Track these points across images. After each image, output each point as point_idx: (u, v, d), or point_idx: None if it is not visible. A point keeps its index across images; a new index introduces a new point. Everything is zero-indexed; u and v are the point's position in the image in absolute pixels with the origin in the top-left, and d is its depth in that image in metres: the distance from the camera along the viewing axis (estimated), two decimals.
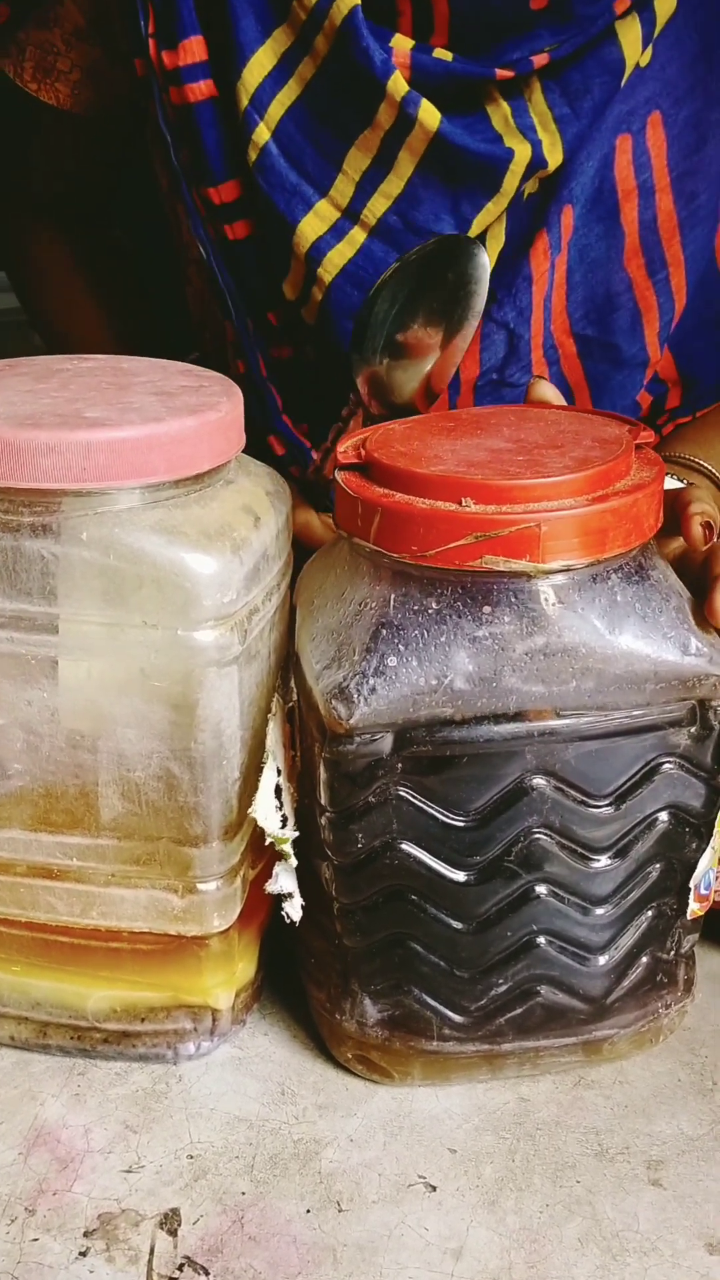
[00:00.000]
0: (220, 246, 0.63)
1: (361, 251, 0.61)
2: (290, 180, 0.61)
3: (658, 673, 0.44)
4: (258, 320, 0.65)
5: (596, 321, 0.66)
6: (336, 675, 0.44)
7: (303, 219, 0.61)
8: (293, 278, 0.63)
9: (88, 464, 0.42)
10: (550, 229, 0.63)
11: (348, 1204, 0.44)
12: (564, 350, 0.66)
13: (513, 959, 0.46)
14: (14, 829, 0.47)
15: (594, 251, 0.64)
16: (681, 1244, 0.42)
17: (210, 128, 0.61)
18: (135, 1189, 0.44)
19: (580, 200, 0.63)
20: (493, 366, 0.65)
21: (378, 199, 0.61)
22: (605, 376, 0.67)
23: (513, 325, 0.64)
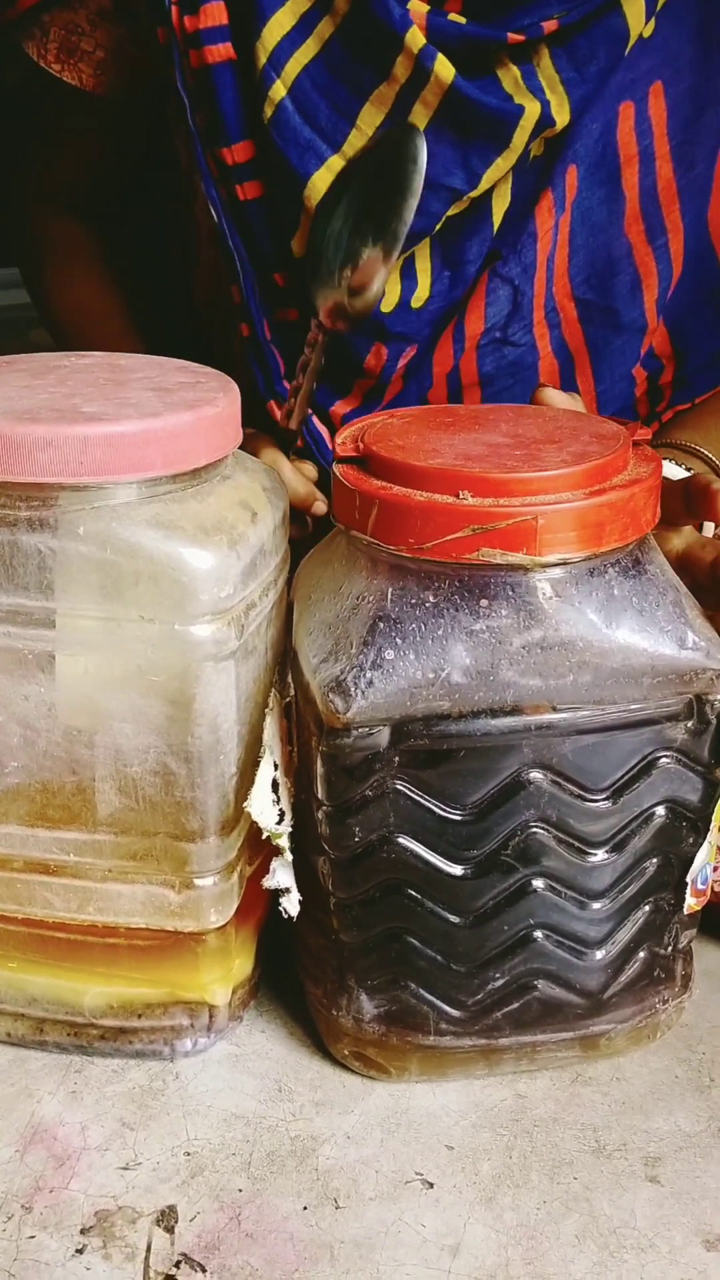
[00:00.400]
0: (230, 208, 0.65)
1: None
2: (304, 136, 0.62)
3: (655, 667, 0.44)
4: (264, 283, 0.67)
5: (597, 285, 0.67)
6: (334, 669, 0.44)
7: (315, 173, 0.62)
8: (301, 234, 0.64)
9: (84, 458, 0.42)
10: (555, 187, 0.64)
11: (345, 1201, 0.44)
12: (565, 314, 0.67)
13: (509, 953, 0.46)
14: (11, 824, 0.47)
15: (596, 215, 0.66)
16: (679, 1240, 0.42)
17: (227, 89, 0.62)
18: (132, 1186, 0.44)
19: (584, 161, 0.65)
20: (496, 324, 0.66)
21: None
22: (605, 341, 0.68)
23: (517, 282, 0.66)
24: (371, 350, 0.66)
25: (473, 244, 0.65)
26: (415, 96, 0.61)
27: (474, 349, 0.67)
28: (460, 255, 0.65)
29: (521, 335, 0.67)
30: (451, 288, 0.66)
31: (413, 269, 0.65)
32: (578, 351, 0.68)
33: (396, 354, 0.66)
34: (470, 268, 0.65)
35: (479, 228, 0.65)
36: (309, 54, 0.62)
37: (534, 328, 0.67)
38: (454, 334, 0.67)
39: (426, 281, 0.66)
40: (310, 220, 0.63)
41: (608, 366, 0.69)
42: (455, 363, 0.67)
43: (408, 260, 0.65)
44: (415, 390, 0.69)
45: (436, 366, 0.67)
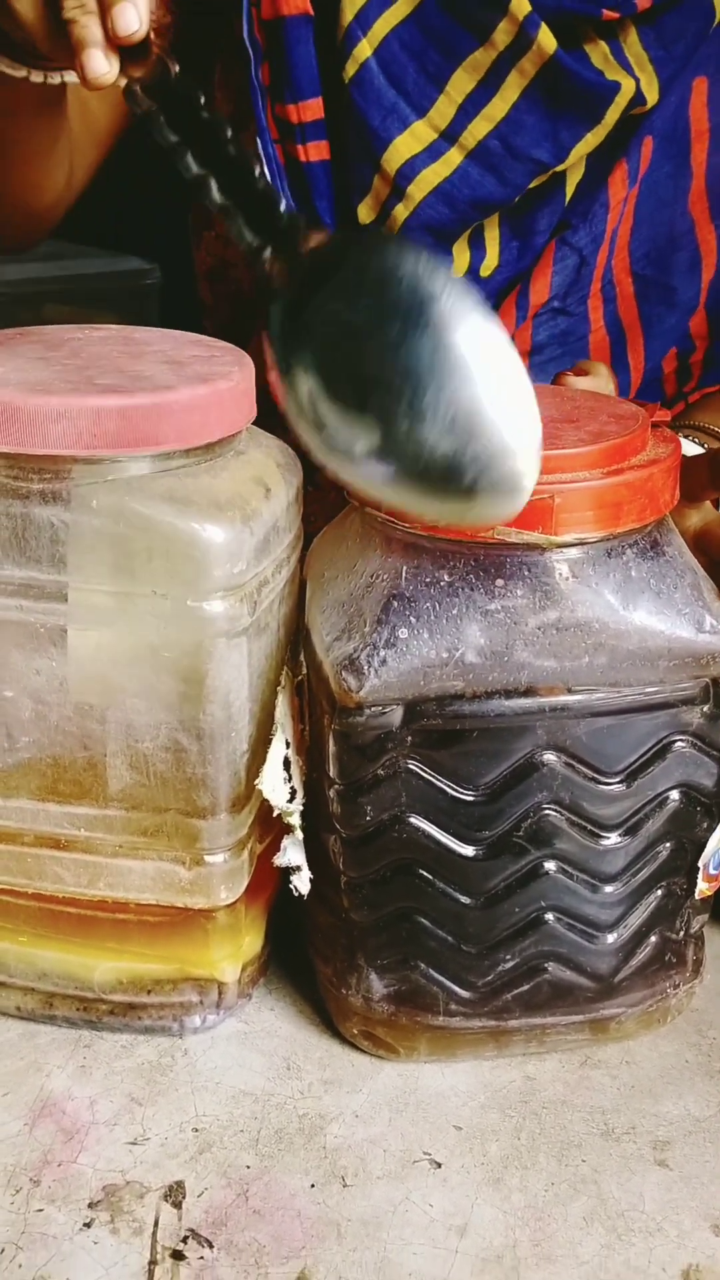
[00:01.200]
0: (288, 168, 0.63)
1: (458, 172, 0.62)
2: (388, 98, 0.61)
3: (671, 649, 0.43)
4: None
5: (657, 261, 0.66)
6: (347, 647, 0.43)
7: (397, 137, 0.61)
8: (373, 199, 0.63)
9: (98, 431, 0.42)
10: (630, 158, 0.64)
11: (352, 1179, 0.44)
12: (621, 289, 0.67)
13: (520, 935, 0.46)
14: (22, 799, 0.47)
15: (662, 189, 0.65)
16: (687, 1224, 0.42)
17: (300, 44, 0.61)
18: (140, 1161, 0.44)
19: (659, 133, 0.64)
20: (557, 294, 0.66)
21: (480, 121, 0.61)
22: (659, 319, 0.68)
23: (585, 251, 0.65)
24: None
25: (544, 215, 0.64)
26: (512, 64, 0.60)
27: (532, 318, 0.66)
28: (531, 225, 0.64)
29: (576, 305, 0.66)
30: (520, 257, 0.65)
31: (481, 238, 0.64)
32: (631, 327, 0.68)
33: None
34: (540, 238, 0.65)
35: (552, 199, 0.64)
36: (400, 14, 0.60)
37: (589, 299, 0.66)
38: (517, 302, 0.66)
39: (495, 251, 0.65)
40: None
41: (658, 344, 0.68)
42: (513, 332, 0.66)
43: (476, 230, 0.64)
44: None
45: None
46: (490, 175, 0.62)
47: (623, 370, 0.68)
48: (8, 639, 0.45)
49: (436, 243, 0.63)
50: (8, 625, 0.45)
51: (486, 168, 0.62)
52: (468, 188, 0.62)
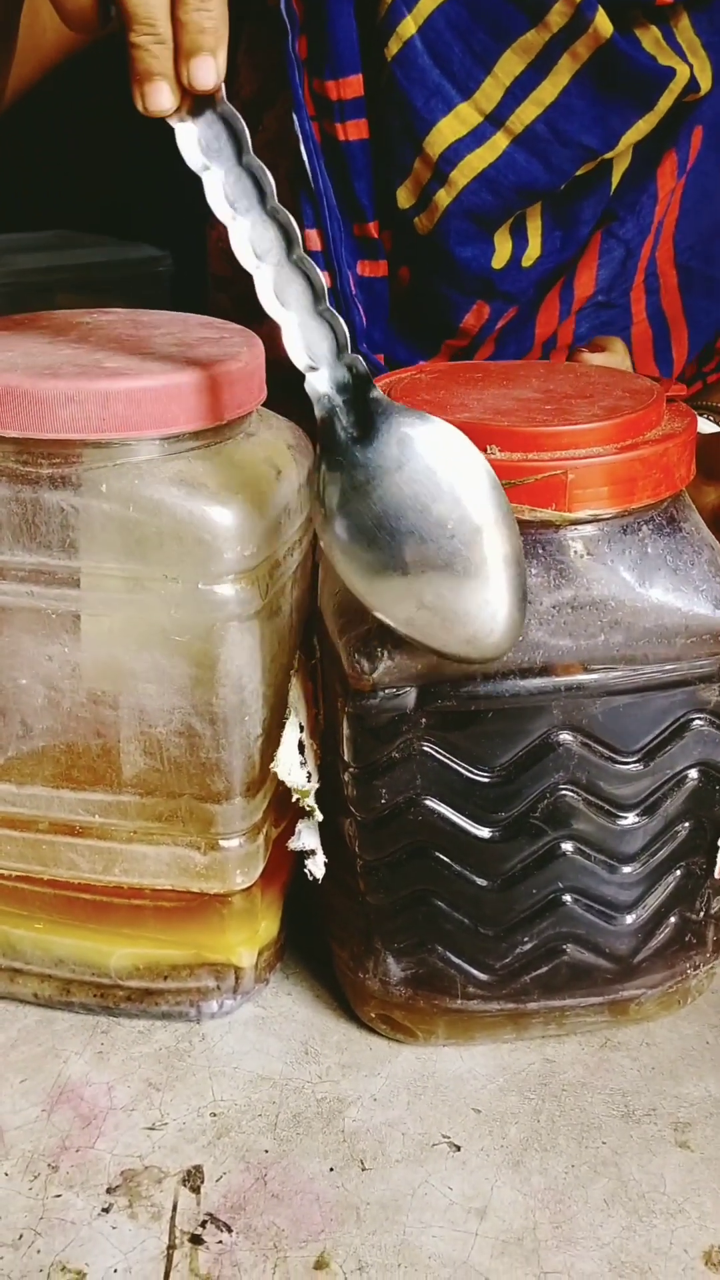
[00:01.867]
0: (324, 147, 0.61)
1: (503, 157, 0.60)
2: (432, 78, 0.59)
3: (689, 627, 0.43)
4: (351, 231, 0.63)
5: (702, 253, 0.65)
6: (360, 629, 0.43)
7: (441, 119, 0.59)
8: (413, 182, 0.61)
9: (107, 414, 0.42)
10: (679, 149, 0.62)
11: (371, 1163, 0.43)
12: (665, 281, 0.65)
13: (538, 917, 0.46)
14: (36, 785, 0.47)
15: (709, 180, 0.64)
16: (709, 1206, 0.42)
17: (343, 17, 0.59)
18: (158, 1146, 0.44)
19: (709, 123, 0.62)
20: (602, 287, 0.64)
21: (528, 105, 0.59)
22: (704, 311, 0.66)
23: (632, 244, 0.63)
24: (473, 309, 0.63)
25: (589, 204, 0.62)
26: (565, 47, 0.58)
27: (576, 312, 0.64)
28: (575, 215, 0.62)
29: (620, 297, 0.64)
30: (563, 248, 0.63)
31: (523, 227, 0.62)
32: (675, 320, 0.66)
33: (498, 314, 0.63)
34: (584, 228, 0.63)
35: (598, 188, 0.62)
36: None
37: (631, 291, 0.65)
38: (561, 295, 0.64)
39: (538, 240, 0.63)
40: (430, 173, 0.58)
41: (700, 336, 0.66)
42: (558, 327, 0.64)
43: (518, 219, 0.62)
44: (513, 352, 0.65)
45: (540, 329, 0.64)
46: (537, 161, 0.60)
47: (665, 364, 0.67)
48: (19, 625, 0.45)
49: (478, 229, 0.61)
50: (19, 611, 0.45)
51: (533, 153, 0.60)
52: (513, 174, 0.60)
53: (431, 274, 0.63)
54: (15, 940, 0.50)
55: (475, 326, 0.64)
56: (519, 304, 0.64)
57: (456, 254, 0.61)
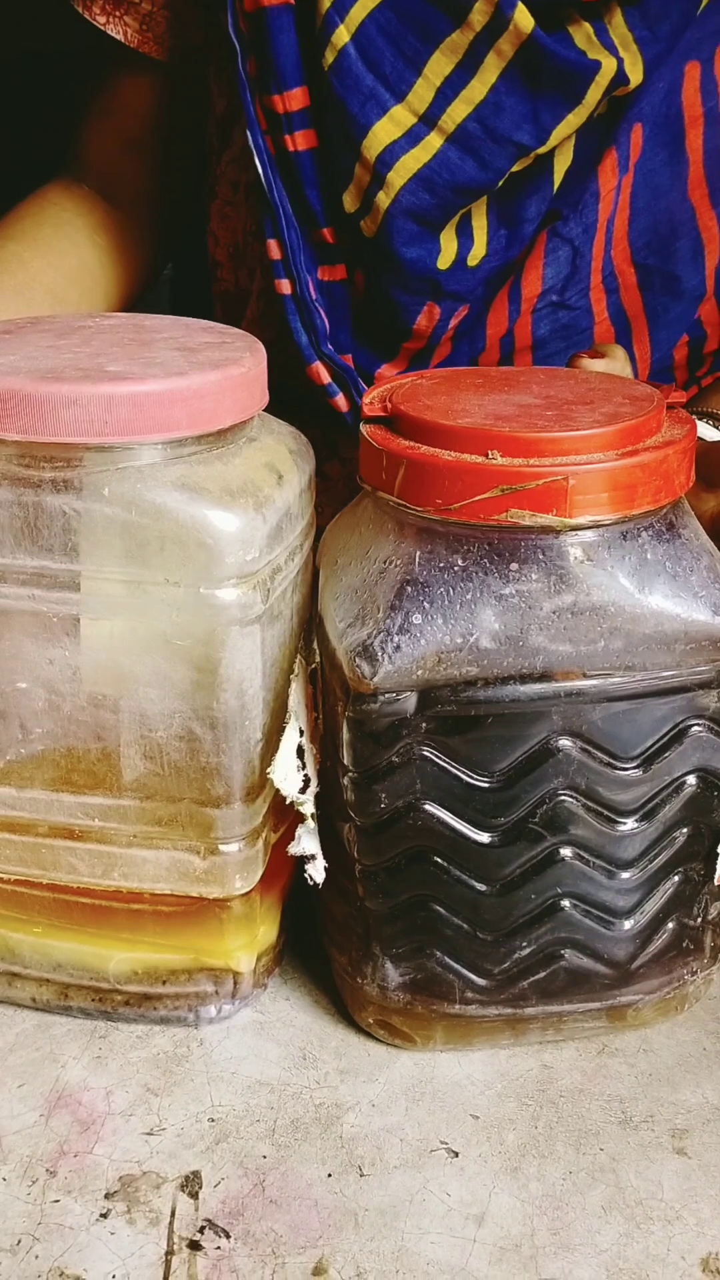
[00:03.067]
0: (278, 159, 0.63)
1: (437, 157, 0.61)
2: (366, 83, 0.60)
3: (688, 633, 0.43)
4: (309, 238, 0.65)
5: (659, 250, 0.65)
6: (360, 633, 0.43)
7: (376, 123, 0.60)
8: (355, 187, 0.62)
9: (109, 418, 0.42)
10: (619, 146, 0.63)
11: (369, 1169, 0.43)
12: (624, 280, 0.65)
13: (536, 922, 0.46)
14: (36, 789, 0.47)
15: (658, 177, 0.64)
16: (706, 1212, 0.42)
17: (282, 33, 0.60)
18: (156, 1151, 0.44)
19: (649, 120, 0.63)
20: (554, 285, 0.65)
21: (458, 104, 0.60)
22: (664, 308, 0.67)
23: (577, 242, 0.64)
24: (424, 310, 0.64)
25: (532, 202, 0.63)
26: (489, 46, 0.59)
27: (530, 311, 0.65)
28: (518, 214, 0.63)
29: (578, 299, 0.65)
30: (508, 246, 0.64)
31: (469, 226, 0.63)
32: (635, 318, 0.67)
33: (449, 314, 0.64)
34: (528, 226, 0.63)
35: (539, 186, 0.63)
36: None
37: (590, 291, 0.65)
38: (509, 295, 0.65)
39: (483, 239, 0.64)
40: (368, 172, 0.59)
41: (665, 334, 0.67)
42: (510, 326, 0.65)
43: (464, 217, 0.63)
44: (466, 352, 0.66)
45: (491, 328, 0.65)
46: (471, 159, 0.61)
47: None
48: (20, 629, 0.45)
49: (421, 229, 0.62)
50: (20, 615, 0.45)
51: (466, 151, 0.61)
52: (448, 172, 0.61)
53: (381, 276, 0.64)
54: (14, 944, 0.50)
55: (428, 328, 0.65)
56: (468, 303, 0.65)
57: (402, 254, 0.62)
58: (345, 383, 0.65)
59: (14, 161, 0.95)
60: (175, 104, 0.73)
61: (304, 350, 0.65)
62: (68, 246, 0.72)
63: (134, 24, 0.69)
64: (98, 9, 0.68)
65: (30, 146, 0.99)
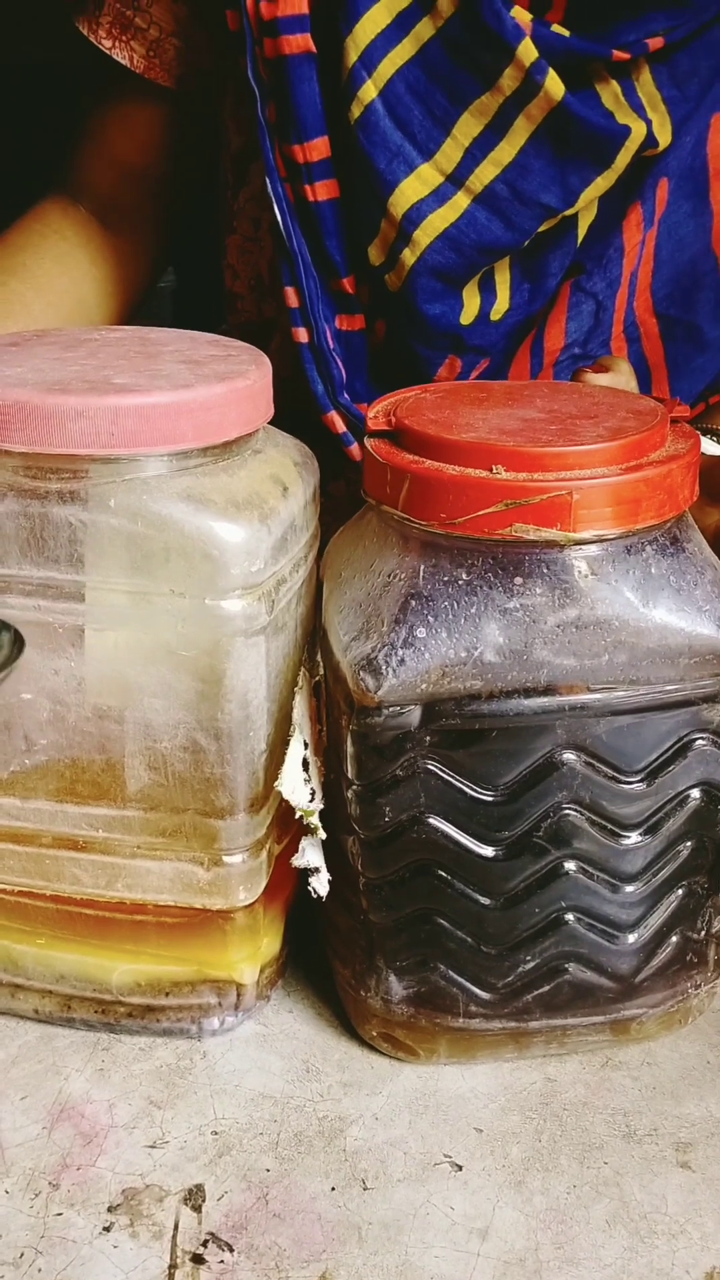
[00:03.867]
0: (297, 207, 0.62)
1: (464, 217, 0.60)
2: (394, 141, 0.60)
3: (692, 647, 0.43)
4: (328, 287, 0.64)
5: (681, 301, 0.65)
6: (364, 647, 0.43)
7: (404, 180, 0.60)
8: (381, 241, 0.61)
9: (116, 429, 0.42)
10: (645, 201, 0.63)
11: (373, 1182, 0.43)
12: (645, 329, 0.65)
13: (541, 936, 0.46)
14: (40, 800, 0.47)
15: (682, 229, 0.64)
16: (710, 1226, 0.42)
17: (304, 82, 0.59)
18: (159, 1164, 0.44)
19: (675, 175, 0.62)
20: (577, 340, 0.65)
21: (487, 166, 0.60)
22: (686, 359, 0.66)
23: (601, 297, 0.64)
24: (445, 363, 0.64)
25: (555, 257, 0.63)
26: (519, 110, 0.59)
27: (552, 365, 0.65)
28: (542, 269, 0.63)
29: (599, 349, 0.65)
30: (531, 300, 0.64)
31: (491, 281, 0.63)
32: (656, 367, 0.66)
33: (470, 367, 0.64)
34: (551, 281, 0.63)
35: (563, 242, 0.62)
36: (405, 55, 0.59)
37: (612, 341, 0.65)
38: (532, 348, 0.65)
39: (506, 294, 0.63)
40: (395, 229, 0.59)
41: (687, 384, 0.67)
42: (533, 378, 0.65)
43: (486, 273, 0.63)
44: None
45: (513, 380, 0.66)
46: (498, 220, 0.60)
47: None
48: (26, 639, 0.45)
49: (445, 286, 0.62)
50: (26, 625, 0.45)
51: (494, 212, 0.60)
52: (474, 232, 0.60)
53: (404, 329, 0.63)
54: (17, 956, 0.50)
55: (449, 379, 0.65)
56: (490, 356, 0.65)
57: (425, 311, 0.62)
58: (360, 432, 0.65)
59: (14, 162, 0.95)
60: (181, 132, 0.72)
61: (319, 399, 0.64)
62: (67, 284, 0.72)
63: (140, 49, 0.68)
64: (103, 33, 0.67)
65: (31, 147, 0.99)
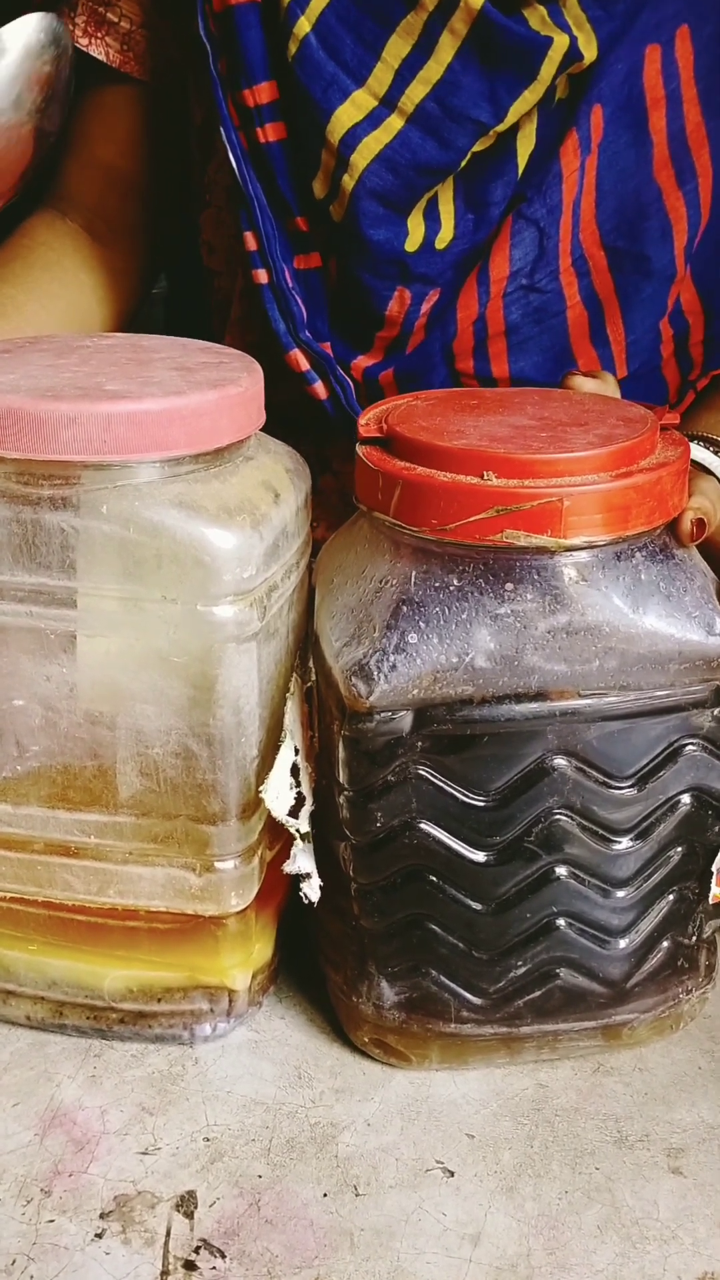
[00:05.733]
0: (251, 152, 0.65)
1: (399, 138, 0.62)
2: (328, 70, 0.62)
3: (681, 653, 0.43)
4: (284, 227, 0.66)
5: (627, 231, 0.66)
6: (356, 652, 0.43)
7: (339, 107, 0.62)
8: (323, 173, 0.63)
9: (108, 436, 0.42)
10: (580, 127, 0.64)
11: (365, 1188, 0.43)
12: (594, 263, 0.67)
13: (532, 941, 0.46)
14: (32, 806, 0.47)
15: (623, 159, 0.65)
16: (702, 1231, 0.42)
17: (250, 29, 0.62)
18: (151, 1171, 0.44)
19: (610, 102, 0.64)
20: (523, 269, 0.66)
21: (416, 85, 0.62)
22: (635, 289, 0.68)
23: (542, 224, 0.65)
24: (394, 296, 0.65)
25: (497, 185, 0.64)
26: (443, 25, 0.61)
27: (500, 295, 0.66)
28: (484, 196, 0.65)
29: (548, 282, 0.66)
30: (475, 229, 0.65)
31: (435, 210, 0.65)
32: (608, 300, 0.68)
33: (420, 298, 0.66)
34: (494, 209, 0.65)
35: (503, 168, 0.64)
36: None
37: (560, 275, 0.66)
38: (478, 278, 0.66)
39: (450, 223, 0.65)
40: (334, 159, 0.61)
41: (639, 316, 0.68)
42: (481, 310, 0.66)
43: (430, 201, 0.64)
44: (439, 339, 0.68)
45: (461, 313, 0.67)
46: (431, 139, 0.62)
47: (602, 344, 0.68)
48: (17, 646, 0.45)
49: (387, 211, 0.64)
50: (18, 632, 0.45)
51: (427, 131, 0.62)
52: (409, 152, 0.62)
53: (351, 260, 0.66)
54: (9, 962, 0.50)
55: (400, 314, 0.66)
56: (439, 286, 0.66)
57: (369, 236, 0.64)
58: (324, 370, 0.66)
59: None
60: (158, 130, 0.74)
61: (281, 337, 0.66)
62: (58, 289, 0.73)
63: (115, 44, 0.71)
64: (79, 31, 0.70)
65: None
